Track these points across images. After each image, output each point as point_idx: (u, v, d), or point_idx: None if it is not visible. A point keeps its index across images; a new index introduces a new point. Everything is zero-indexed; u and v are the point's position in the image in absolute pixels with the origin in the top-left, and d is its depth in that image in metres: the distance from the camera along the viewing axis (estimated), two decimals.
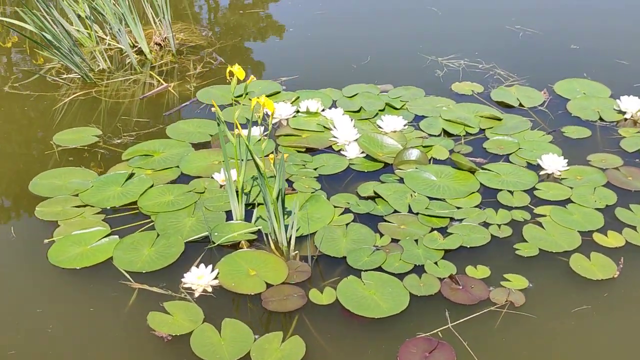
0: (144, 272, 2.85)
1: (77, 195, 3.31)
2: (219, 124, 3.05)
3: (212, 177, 3.41)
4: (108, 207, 3.22)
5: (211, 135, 3.82)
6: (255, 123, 3.80)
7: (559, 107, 4.08)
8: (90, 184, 3.38)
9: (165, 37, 4.91)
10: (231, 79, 2.96)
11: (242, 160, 3.07)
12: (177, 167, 3.53)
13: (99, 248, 2.97)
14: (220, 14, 5.76)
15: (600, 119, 3.95)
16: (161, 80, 4.45)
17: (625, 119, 3.92)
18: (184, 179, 3.44)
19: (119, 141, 3.78)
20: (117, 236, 3.03)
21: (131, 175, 3.43)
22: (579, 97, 4.15)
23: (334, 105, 4.11)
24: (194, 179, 3.43)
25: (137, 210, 3.22)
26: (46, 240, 3.02)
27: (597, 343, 2.53)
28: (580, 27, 5.24)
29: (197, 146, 3.72)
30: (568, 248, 2.94)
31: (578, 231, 3.04)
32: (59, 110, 4.12)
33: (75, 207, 3.23)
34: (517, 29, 5.15)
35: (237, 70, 2.90)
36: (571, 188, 3.32)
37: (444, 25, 5.28)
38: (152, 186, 3.36)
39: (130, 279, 2.81)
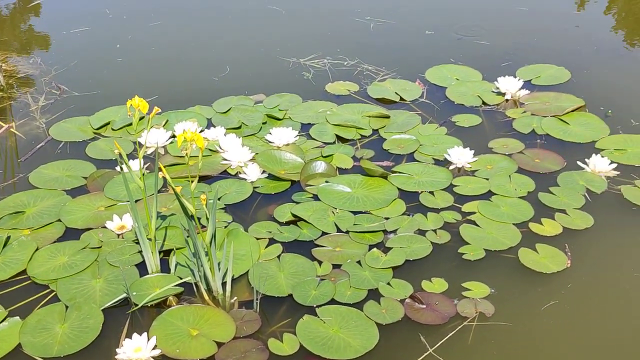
0: (62, 355, 2.39)
1: None
2: (121, 169, 2.64)
3: (105, 227, 2.97)
4: None
5: (85, 178, 3.35)
6: (131, 157, 3.41)
7: (439, 96, 4.01)
8: None
9: None
10: (132, 113, 2.55)
11: (132, 201, 2.66)
12: (59, 220, 3.04)
13: (0, 336, 2.47)
14: (43, 35, 5.13)
15: (484, 103, 3.91)
16: None
17: (507, 100, 3.92)
18: (71, 234, 2.98)
19: None
20: (17, 317, 2.54)
21: (7, 240, 2.91)
22: (454, 84, 4.11)
23: (210, 124, 3.76)
24: (83, 232, 2.98)
25: (30, 281, 2.72)
26: None
27: (578, 335, 2.45)
28: (428, 12, 5.21)
29: (73, 193, 3.25)
30: (511, 244, 2.85)
31: (513, 224, 2.95)
32: None
33: None
34: (367, 20, 5.02)
35: (139, 103, 2.51)
36: (487, 179, 3.24)
37: (293, 24, 5.05)
38: (37, 249, 2.87)
39: None
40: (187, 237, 2.69)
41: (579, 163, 3.31)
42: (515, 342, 2.42)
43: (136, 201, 2.99)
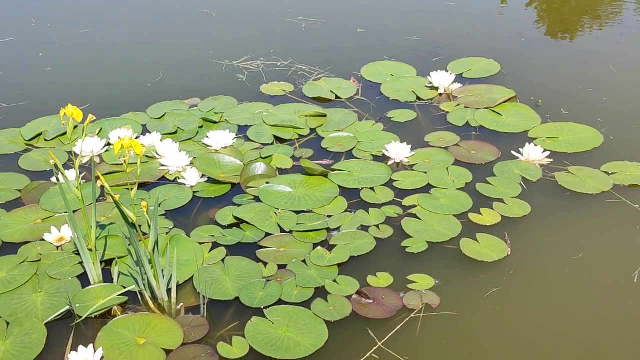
0: None
1: None
2: (58, 179, 2.59)
3: (44, 239, 2.91)
4: None
5: (19, 191, 3.26)
6: (65, 168, 3.34)
7: (374, 93, 4.05)
8: None
9: None
10: (66, 123, 2.50)
11: (70, 211, 2.60)
12: None
13: None
14: None
15: (418, 98, 3.96)
16: None
17: (440, 95, 3.98)
18: (8, 248, 2.91)
19: None
20: None
21: None
22: (389, 80, 4.15)
23: (145, 130, 3.72)
24: (20, 245, 2.91)
25: None
26: None
27: (521, 318, 2.50)
28: (359, 11, 5.25)
29: (8, 206, 3.17)
30: (453, 235, 2.89)
31: (453, 215, 3.00)
32: None
33: None
34: (298, 20, 5.03)
35: (73, 111, 2.46)
36: (425, 173, 3.28)
37: (225, 28, 5.03)
38: None
39: None
40: (129, 245, 2.66)
41: (513, 153, 3.38)
42: (462, 330, 2.46)
43: (74, 212, 2.93)
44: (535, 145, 3.37)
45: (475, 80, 4.14)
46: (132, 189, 2.45)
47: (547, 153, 3.34)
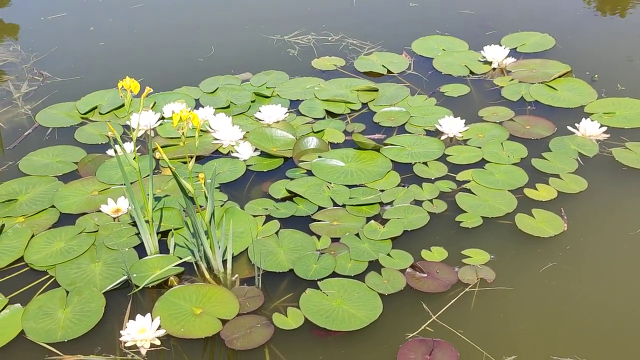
0: (67, 340, 2.38)
1: None
2: (115, 151, 2.62)
3: (100, 211, 2.95)
4: None
5: (76, 163, 3.32)
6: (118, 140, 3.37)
7: (426, 67, 4.01)
8: None
9: None
10: (124, 94, 2.53)
11: (128, 183, 2.64)
12: (53, 207, 3.02)
13: (2, 323, 2.45)
14: (19, 22, 5.05)
15: (471, 72, 3.92)
16: None
17: (494, 69, 3.93)
18: (66, 219, 2.96)
19: None
20: (18, 304, 2.52)
21: (2, 228, 2.88)
22: (441, 55, 4.11)
23: (198, 104, 3.74)
24: (78, 216, 2.96)
25: (28, 268, 2.71)
26: None
27: (578, 293, 2.48)
28: None
29: (65, 178, 3.22)
30: (508, 210, 2.86)
31: (508, 190, 2.97)
32: None
33: None
34: None
35: (131, 83, 2.48)
36: (479, 148, 3.25)
37: (276, 3, 5.03)
38: (33, 236, 2.84)
39: (59, 352, 2.34)
40: (186, 217, 2.69)
41: (569, 128, 3.33)
42: (517, 305, 2.44)
43: (131, 183, 2.97)
44: (592, 121, 3.31)
45: (529, 54, 4.08)
46: (189, 161, 2.47)
47: (604, 128, 3.29)
